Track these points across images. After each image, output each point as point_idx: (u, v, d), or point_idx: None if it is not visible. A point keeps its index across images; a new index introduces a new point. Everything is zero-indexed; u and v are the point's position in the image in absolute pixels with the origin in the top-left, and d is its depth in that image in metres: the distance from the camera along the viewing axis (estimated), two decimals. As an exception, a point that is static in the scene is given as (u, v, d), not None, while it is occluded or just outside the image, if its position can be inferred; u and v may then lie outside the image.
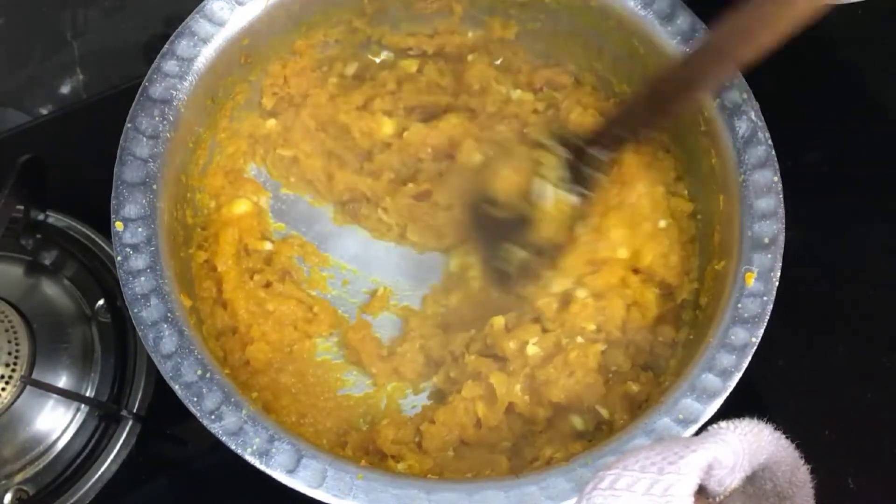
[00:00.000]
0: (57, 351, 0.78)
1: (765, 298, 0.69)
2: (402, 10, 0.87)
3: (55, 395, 0.77)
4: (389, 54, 0.91)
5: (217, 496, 0.82)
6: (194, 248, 0.79)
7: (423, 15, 0.88)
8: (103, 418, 0.79)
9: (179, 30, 0.76)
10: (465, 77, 0.89)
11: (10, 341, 0.76)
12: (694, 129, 0.78)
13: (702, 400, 0.66)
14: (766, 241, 0.71)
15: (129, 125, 0.73)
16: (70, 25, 1.02)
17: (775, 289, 0.69)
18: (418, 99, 0.89)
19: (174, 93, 0.75)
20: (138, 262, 0.68)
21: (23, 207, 0.81)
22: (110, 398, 0.79)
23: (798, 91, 0.92)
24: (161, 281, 0.68)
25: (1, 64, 1.01)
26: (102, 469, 0.78)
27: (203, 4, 0.77)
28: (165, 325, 0.66)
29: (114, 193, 0.70)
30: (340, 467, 0.63)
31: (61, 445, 0.78)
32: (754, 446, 0.48)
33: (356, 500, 0.62)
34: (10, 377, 0.75)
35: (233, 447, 0.63)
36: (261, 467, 0.62)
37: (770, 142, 0.74)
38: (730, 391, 0.66)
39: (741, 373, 0.67)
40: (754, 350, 0.67)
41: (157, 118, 0.73)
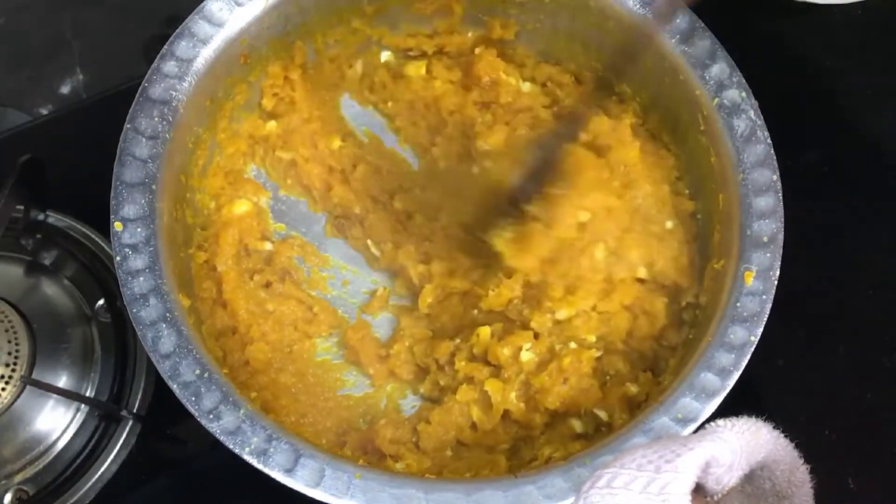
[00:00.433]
0: (57, 351, 0.78)
1: (764, 297, 0.69)
2: (402, 11, 0.87)
3: (55, 395, 0.76)
4: (390, 54, 0.91)
5: (217, 496, 0.82)
6: (194, 249, 0.79)
7: (423, 15, 0.88)
8: (103, 418, 0.79)
9: (179, 31, 0.76)
10: (474, 70, 0.88)
11: (10, 341, 0.76)
12: (693, 127, 0.78)
13: (700, 399, 0.66)
14: (766, 239, 0.71)
15: (129, 126, 0.73)
16: (70, 25, 1.02)
17: (774, 287, 0.69)
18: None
19: (173, 93, 0.75)
20: (137, 262, 0.68)
21: (23, 207, 0.80)
22: (110, 398, 0.79)
23: (798, 91, 0.92)
24: (160, 281, 0.68)
25: (1, 64, 1.01)
26: (102, 469, 0.78)
27: (202, 5, 0.77)
28: (164, 325, 0.66)
29: (113, 194, 0.70)
30: (338, 467, 0.63)
31: (61, 445, 0.78)
32: (752, 444, 0.48)
33: (354, 500, 0.62)
34: (10, 377, 0.75)
35: (231, 446, 0.63)
36: (259, 467, 0.62)
37: (769, 140, 0.74)
38: (728, 390, 0.66)
39: (740, 372, 0.67)
40: (753, 349, 0.67)
41: (156, 119, 0.73)
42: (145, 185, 0.71)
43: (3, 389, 0.74)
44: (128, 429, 0.79)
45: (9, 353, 0.75)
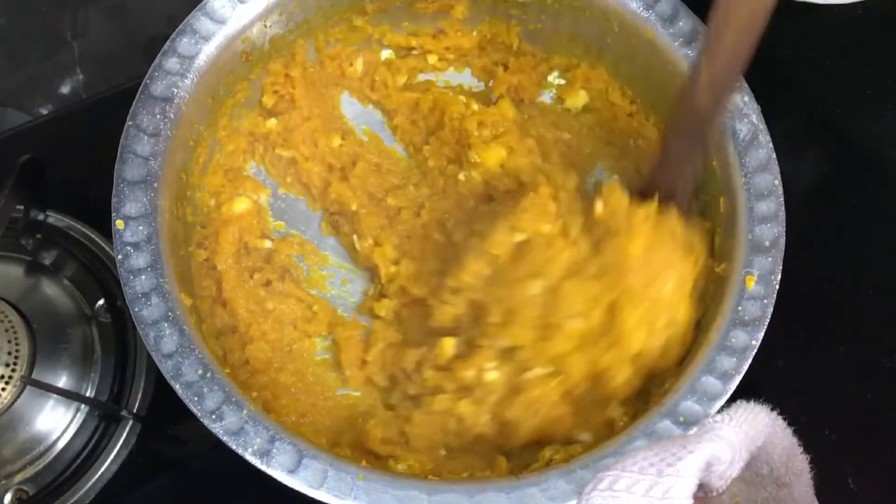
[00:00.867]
0: (57, 351, 0.78)
1: (765, 301, 0.69)
2: (403, 10, 0.87)
3: (55, 395, 0.76)
4: (391, 53, 0.91)
5: (217, 496, 0.82)
6: (194, 247, 0.79)
7: (424, 14, 0.88)
8: (103, 418, 0.79)
9: (181, 27, 0.76)
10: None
11: (10, 341, 0.76)
12: (694, 130, 0.78)
13: (702, 402, 0.66)
14: (767, 244, 0.71)
15: (130, 123, 0.73)
16: (70, 25, 1.02)
17: (776, 292, 0.69)
18: None
19: (175, 90, 0.75)
20: (139, 260, 0.68)
21: (23, 207, 0.80)
22: (110, 398, 0.79)
23: (799, 93, 0.92)
24: (161, 279, 0.68)
25: (1, 64, 1.01)
26: (102, 469, 0.78)
27: (204, 2, 0.77)
28: (166, 325, 0.66)
29: (114, 191, 0.70)
30: (341, 468, 0.63)
31: (61, 445, 0.77)
32: (751, 434, 0.48)
33: (357, 501, 0.62)
34: (10, 377, 0.75)
35: (233, 447, 0.63)
36: (261, 467, 0.62)
37: (771, 145, 0.74)
38: (730, 394, 0.66)
39: (741, 375, 0.67)
40: (755, 353, 0.67)
41: (157, 116, 0.73)
42: (147, 183, 0.71)
43: (3, 389, 0.74)
44: (128, 429, 0.79)
45: (9, 353, 0.75)
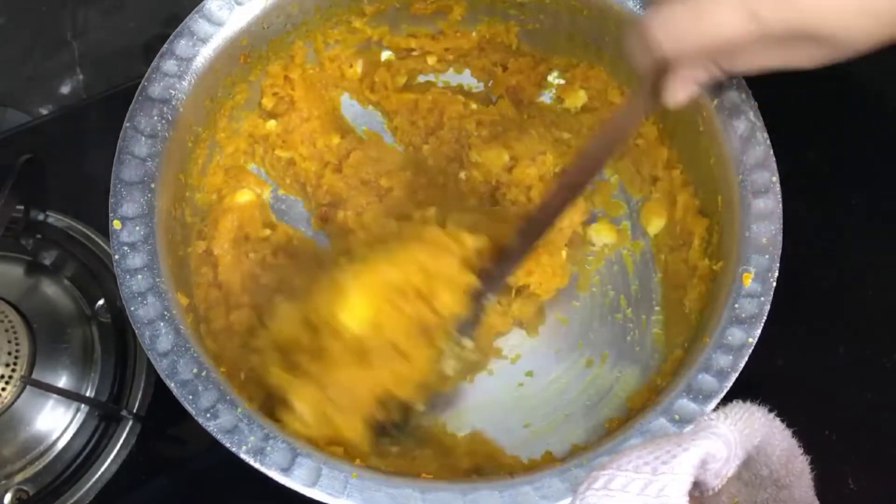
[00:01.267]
0: (57, 351, 0.79)
1: (762, 299, 0.69)
2: (402, 11, 0.87)
3: (55, 395, 0.77)
4: (390, 55, 0.91)
5: (217, 496, 0.82)
6: (194, 239, 0.79)
7: (423, 16, 0.88)
8: (103, 418, 0.79)
9: (178, 30, 0.76)
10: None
11: (10, 341, 0.76)
12: (692, 129, 0.78)
13: (698, 400, 0.66)
14: (764, 241, 0.71)
15: (128, 124, 0.73)
16: (70, 25, 1.02)
17: (773, 289, 0.69)
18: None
19: (173, 92, 0.75)
20: (135, 260, 0.68)
21: (23, 207, 0.81)
22: (110, 398, 0.79)
23: (798, 91, 0.92)
24: (158, 279, 0.68)
25: (1, 64, 1.01)
26: (102, 469, 0.78)
27: (202, 4, 0.77)
28: (162, 324, 0.66)
29: (112, 192, 0.70)
30: (335, 466, 0.63)
31: (61, 445, 0.78)
32: (746, 432, 0.48)
33: (350, 499, 0.61)
34: (10, 377, 0.75)
35: (227, 445, 0.63)
36: (255, 465, 0.62)
37: (769, 142, 0.74)
38: (726, 391, 0.66)
39: (738, 373, 0.66)
40: (751, 350, 0.67)
41: (155, 117, 0.73)
42: (144, 184, 0.71)
43: (3, 389, 0.75)
44: (128, 429, 0.79)
45: (9, 353, 0.75)
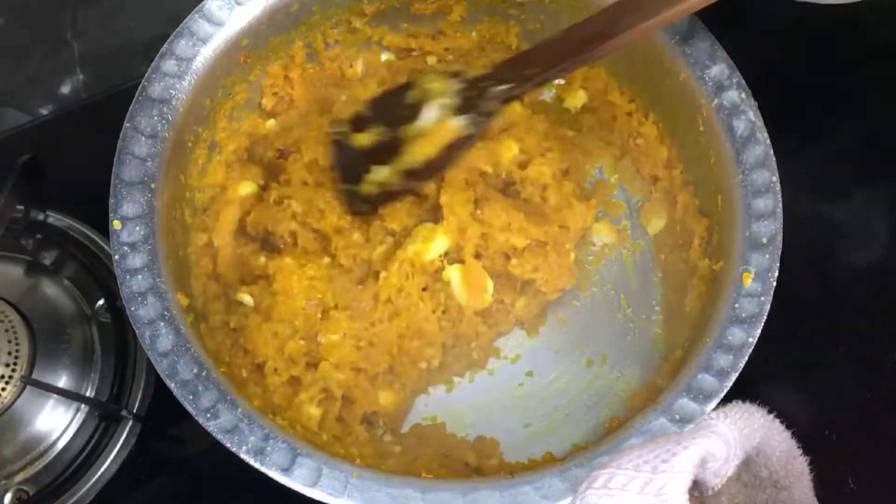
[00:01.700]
0: (57, 351, 0.78)
1: (762, 298, 0.69)
2: (401, 11, 0.87)
3: (55, 395, 0.77)
4: (391, 55, 0.91)
5: (217, 496, 0.82)
6: (194, 235, 0.80)
7: (423, 16, 0.88)
8: (103, 418, 0.79)
9: (178, 30, 0.76)
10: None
11: (10, 341, 0.76)
12: (692, 128, 0.78)
13: (698, 400, 0.66)
14: (764, 240, 0.71)
15: (128, 125, 0.73)
16: (70, 25, 1.02)
17: (773, 289, 0.69)
18: None
19: (173, 92, 0.75)
20: (136, 260, 0.68)
21: (23, 207, 0.81)
22: (110, 398, 0.79)
23: (798, 91, 0.92)
24: (158, 279, 0.68)
25: (1, 64, 1.01)
26: (102, 469, 0.78)
27: (202, 4, 0.77)
28: (162, 324, 0.66)
29: (112, 192, 0.70)
30: (335, 466, 0.63)
31: (61, 445, 0.78)
32: (746, 432, 0.48)
33: (351, 499, 0.62)
34: (10, 377, 0.75)
35: (228, 445, 0.63)
36: (256, 465, 0.62)
37: (768, 141, 0.74)
38: (726, 391, 0.66)
39: (738, 373, 0.67)
40: (751, 350, 0.67)
41: (155, 118, 0.73)
42: (144, 184, 0.71)
43: (3, 389, 0.75)
44: (128, 429, 0.79)
45: (9, 353, 0.75)
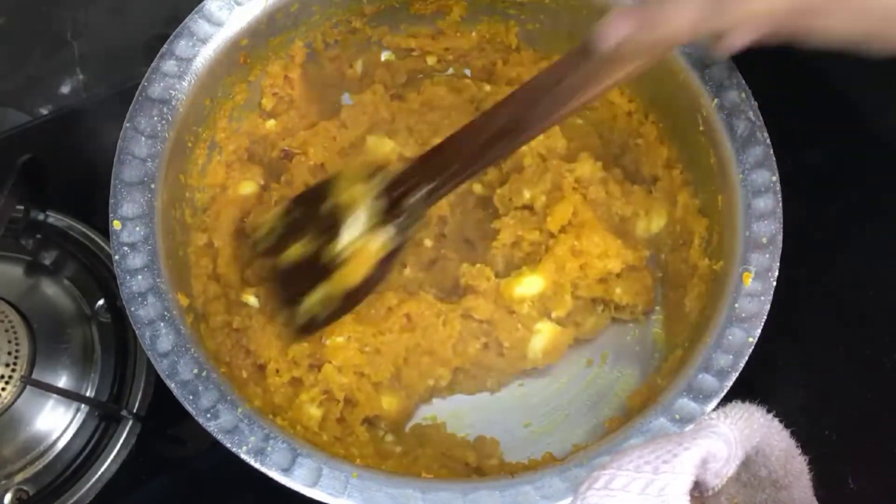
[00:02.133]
0: (57, 351, 0.79)
1: (762, 298, 0.69)
2: (401, 11, 0.87)
3: (55, 395, 0.77)
4: (390, 55, 0.91)
5: (217, 496, 0.82)
6: (195, 232, 0.80)
7: (423, 16, 0.88)
8: (103, 418, 0.79)
9: (178, 30, 0.76)
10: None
11: (10, 341, 0.76)
12: (692, 128, 0.78)
13: (698, 400, 0.66)
14: (765, 240, 0.71)
15: (128, 125, 0.73)
16: (70, 25, 1.02)
17: (773, 289, 0.69)
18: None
19: (173, 93, 0.75)
20: (136, 260, 0.68)
21: (23, 207, 0.81)
22: (110, 398, 0.79)
23: (798, 91, 0.92)
24: (158, 279, 0.68)
25: (1, 64, 1.01)
26: (102, 469, 0.78)
27: (202, 5, 0.77)
28: (162, 324, 0.66)
29: (112, 192, 0.70)
30: (336, 466, 0.63)
31: (61, 445, 0.78)
32: (746, 432, 0.48)
33: (351, 499, 0.62)
34: (10, 377, 0.75)
35: (228, 445, 0.63)
36: (256, 465, 0.63)
37: (769, 141, 0.74)
38: (726, 391, 0.66)
39: (738, 373, 0.67)
40: (751, 350, 0.67)
41: (155, 118, 0.73)
42: (144, 184, 0.71)
43: (3, 389, 0.75)
44: (128, 429, 0.79)
45: (9, 353, 0.75)
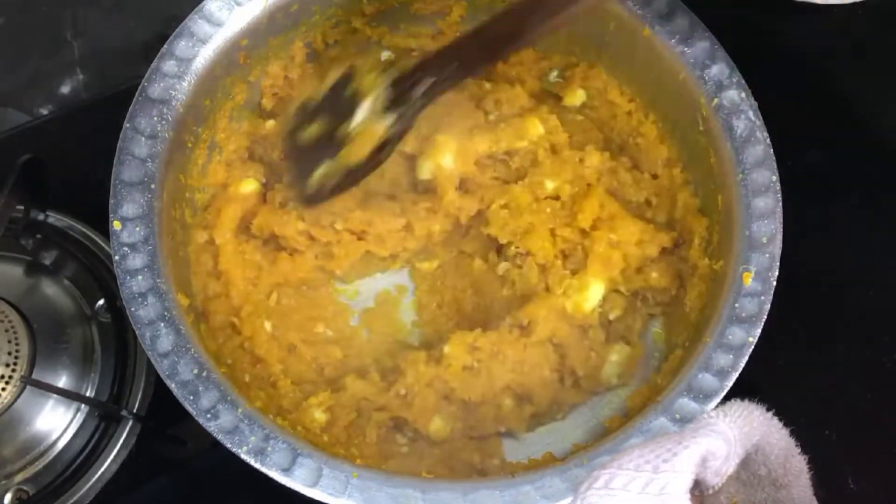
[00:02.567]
0: (57, 351, 0.78)
1: (762, 298, 0.69)
2: (401, 11, 0.87)
3: (55, 395, 0.76)
4: (391, 55, 0.91)
5: (217, 496, 0.82)
6: (195, 230, 0.80)
7: (423, 15, 0.88)
8: (103, 418, 0.79)
9: (178, 30, 0.76)
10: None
11: (10, 341, 0.76)
12: (692, 128, 0.78)
13: (698, 400, 0.66)
14: (764, 240, 0.71)
15: (128, 125, 0.73)
16: (70, 25, 1.02)
17: (773, 288, 0.69)
18: None
19: (173, 93, 0.75)
20: (136, 261, 0.68)
21: (23, 207, 0.81)
22: (110, 398, 0.79)
23: (798, 91, 0.92)
24: (158, 280, 0.68)
25: (1, 64, 1.01)
26: (102, 469, 0.78)
27: (201, 5, 0.77)
28: (162, 324, 0.67)
29: (112, 193, 0.70)
30: (336, 466, 0.63)
31: (61, 445, 0.77)
32: (746, 430, 0.48)
33: (351, 499, 0.62)
34: (10, 377, 0.75)
35: (228, 445, 0.63)
36: (256, 466, 0.63)
37: (768, 141, 0.74)
38: (726, 391, 0.66)
39: (738, 372, 0.67)
40: (752, 350, 0.67)
41: (155, 118, 0.74)
42: (144, 185, 0.71)
43: (3, 389, 0.74)
44: (128, 429, 0.79)
45: (9, 353, 0.75)
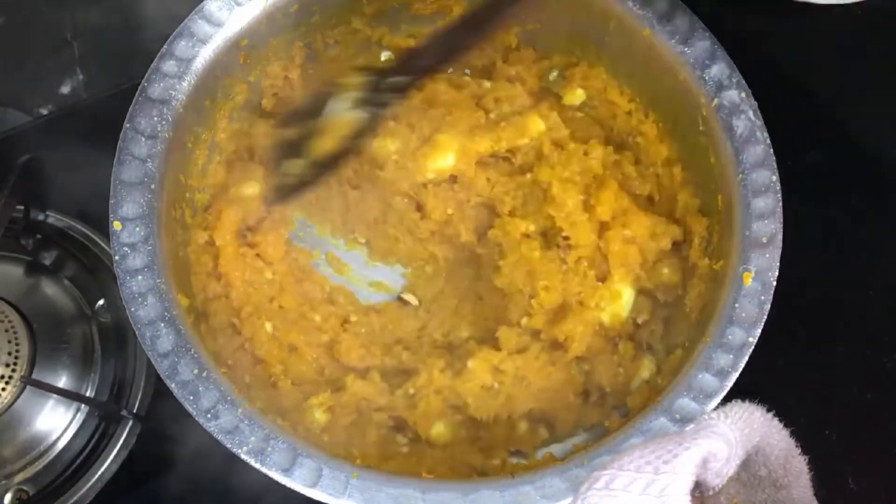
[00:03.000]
0: (57, 351, 0.79)
1: (762, 298, 0.69)
2: (401, 11, 0.87)
3: (55, 395, 0.77)
4: (390, 55, 0.91)
5: (217, 496, 0.82)
6: (196, 231, 0.79)
7: (423, 16, 0.88)
8: (103, 418, 0.79)
9: (178, 30, 0.76)
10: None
11: (10, 341, 0.76)
12: (692, 128, 0.78)
13: (699, 400, 0.66)
14: (765, 240, 0.71)
15: (128, 125, 0.73)
16: (70, 25, 1.02)
17: (773, 288, 0.69)
18: None
19: (173, 93, 0.75)
20: (136, 261, 0.68)
21: (23, 207, 0.81)
22: (110, 398, 0.79)
23: (798, 91, 0.92)
24: (158, 280, 0.68)
25: (1, 64, 1.01)
26: (102, 469, 0.78)
27: (201, 5, 0.77)
28: (162, 324, 0.67)
29: (112, 193, 0.70)
30: (336, 466, 0.63)
31: (61, 445, 0.78)
32: (746, 431, 0.48)
33: (351, 500, 0.62)
34: (10, 377, 0.75)
35: (228, 446, 0.63)
36: (256, 466, 0.63)
37: (769, 141, 0.74)
38: (727, 391, 0.66)
39: (738, 373, 0.67)
40: (752, 350, 0.67)
41: (155, 118, 0.74)
42: (144, 185, 0.71)
43: (3, 389, 0.75)
44: (128, 429, 0.79)
45: (9, 353, 0.75)
